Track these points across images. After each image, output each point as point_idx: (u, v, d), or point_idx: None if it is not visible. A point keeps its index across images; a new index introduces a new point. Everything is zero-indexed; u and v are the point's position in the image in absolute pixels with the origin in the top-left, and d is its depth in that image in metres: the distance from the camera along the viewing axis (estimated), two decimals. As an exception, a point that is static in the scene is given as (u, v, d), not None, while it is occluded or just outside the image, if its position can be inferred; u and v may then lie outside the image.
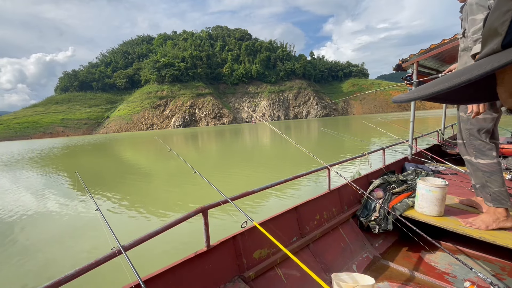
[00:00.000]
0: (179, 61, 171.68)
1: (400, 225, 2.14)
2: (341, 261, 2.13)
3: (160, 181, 8.77)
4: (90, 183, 8.90)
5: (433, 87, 0.29)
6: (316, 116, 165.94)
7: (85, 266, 1.06)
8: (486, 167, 1.89)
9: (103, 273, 3.11)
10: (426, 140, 6.36)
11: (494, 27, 0.27)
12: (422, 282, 1.87)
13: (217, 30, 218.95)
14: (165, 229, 1.36)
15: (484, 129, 1.90)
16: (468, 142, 2.00)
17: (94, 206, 1.73)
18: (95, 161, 16.83)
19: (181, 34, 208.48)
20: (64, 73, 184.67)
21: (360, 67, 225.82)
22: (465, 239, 2.00)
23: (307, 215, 2.25)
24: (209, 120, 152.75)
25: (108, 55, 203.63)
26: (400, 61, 3.77)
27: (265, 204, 5.45)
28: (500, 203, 1.87)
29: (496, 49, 0.27)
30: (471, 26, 1.75)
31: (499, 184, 1.86)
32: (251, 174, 8.68)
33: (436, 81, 0.29)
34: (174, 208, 5.68)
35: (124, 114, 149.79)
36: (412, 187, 2.68)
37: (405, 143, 4.05)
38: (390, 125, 7.35)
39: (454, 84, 0.26)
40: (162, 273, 1.35)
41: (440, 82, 0.28)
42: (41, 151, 28.14)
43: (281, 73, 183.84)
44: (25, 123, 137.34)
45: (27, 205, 6.69)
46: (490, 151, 1.89)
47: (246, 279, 1.65)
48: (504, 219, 1.87)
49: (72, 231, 4.78)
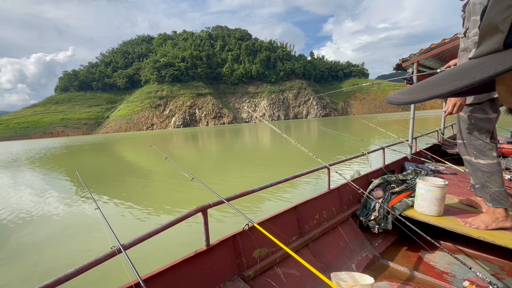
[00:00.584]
0: (179, 61, 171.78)
1: (399, 224, 2.14)
2: (340, 261, 2.14)
3: (160, 181, 8.78)
4: (90, 182, 8.91)
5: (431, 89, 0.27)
6: (316, 116, 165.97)
7: (85, 264, 1.06)
8: (486, 167, 1.88)
9: (103, 272, 3.12)
10: (426, 139, 6.37)
11: (494, 23, 0.26)
12: (421, 281, 1.88)
13: (217, 30, 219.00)
14: (164, 228, 1.36)
15: (484, 129, 1.89)
16: (468, 142, 1.98)
17: (94, 205, 1.74)
18: (95, 161, 16.84)
19: (181, 34, 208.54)
20: (64, 73, 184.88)
21: (360, 67, 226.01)
22: (465, 238, 2.00)
23: (306, 214, 2.26)
24: (209, 120, 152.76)
25: (108, 55, 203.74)
26: (400, 61, 3.78)
27: (265, 203, 5.45)
28: (499, 203, 1.87)
29: (497, 48, 0.26)
30: (472, 27, 1.71)
31: (498, 184, 1.85)
32: (251, 174, 8.68)
33: (435, 81, 0.27)
34: (173, 208, 5.68)
35: (124, 114, 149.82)
36: (412, 187, 2.68)
37: (405, 142, 4.06)
38: (390, 125, 7.35)
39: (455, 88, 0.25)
40: (162, 272, 1.35)
41: (439, 84, 0.27)
42: (39, 151, 28.14)
43: (281, 73, 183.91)
44: (25, 123, 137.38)
45: (26, 204, 6.69)
46: (490, 151, 1.88)
47: (245, 278, 1.66)
48: (504, 219, 1.88)
49: (72, 230, 4.78)
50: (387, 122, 7.61)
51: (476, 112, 1.89)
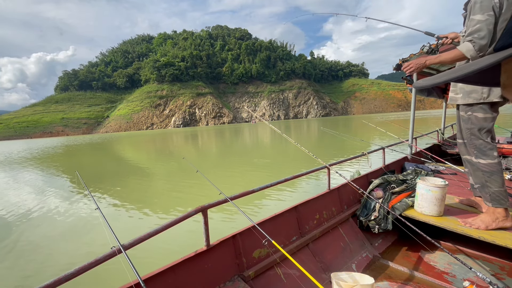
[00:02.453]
0: (179, 61, 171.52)
1: (399, 224, 2.14)
2: (340, 261, 2.13)
3: (160, 181, 8.78)
4: (90, 182, 8.90)
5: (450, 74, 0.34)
6: (316, 115, 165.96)
7: (85, 265, 1.06)
8: (487, 167, 1.88)
9: (103, 272, 3.12)
10: (426, 139, 6.37)
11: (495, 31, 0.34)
12: (421, 281, 1.88)
13: (217, 29, 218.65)
14: (165, 228, 1.36)
15: (485, 128, 1.88)
16: (469, 141, 1.97)
17: (93, 205, 1.73)
18: (94, 161, 16.83)
19: (181, 33, 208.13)
20: (64, 72, 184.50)
21: (360, 67, 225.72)
22: (465, 238, 2.00)
23: (306, 214, 2.26)
24: (209, 120, 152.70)
25: (108, 55, 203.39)
26: (400, 61, 3.76)
27: (265, 204, 5.45)
28: (499, 203, 1.87)
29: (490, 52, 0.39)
30: (468, 26, 1.70)
31: (499, 184, 1.85)
32: (251, 174, 8.68)
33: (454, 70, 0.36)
34: (174, 208, 5.68)
35: (124, 114, 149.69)
36: (412, 187, 2.68)
37: (405, 142, 4.06)
38: (390, 125, 7.35)
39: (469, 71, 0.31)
40: (162, 272, 1.35)
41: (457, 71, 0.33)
42: (37, 151, 28.13)
43: (281, 72, 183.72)
44: (25, 123, 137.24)
45: (26, 203, 6.68)
46: (491, 151, 1.87)
47: (245, 278, 1.65)
48: (504, 219, 1.88)
49: (72, 230, 4.78)
50: (387, 122, 7.61)
51: (476, 112, 1.89)
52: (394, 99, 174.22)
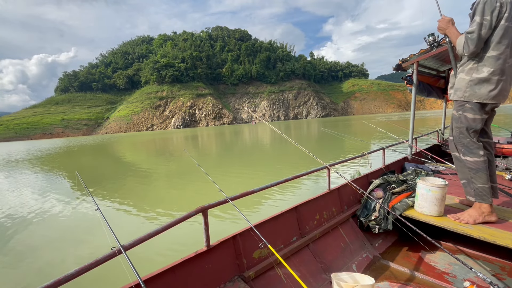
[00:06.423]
0: (179, 62, 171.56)
1: (400, 225, 2.14)
2: (341, 261, 2.13)
3: (160, 182, 8.77)
4: (90, 183, 8.90)
5: None
6: (316, 116, 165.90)
7: (85, 265, 1.06)
8: (473, 164, 1.98)
9: (103, 272, 3.11)
10: (426, 140, 6.37)
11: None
12: (421, 281, 1.87)
13: (217, 30, 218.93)
14: (165, 229, 1.36)
15: (473, 128, 1.98)
16: (457, 139, 2.08)
17: (94, 206, 1.73)
18: (94, 161, 16.83)
19: (181, 34, 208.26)
20: (64, 73, 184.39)
21: (360, 67, 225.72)
22: (465, 239, 2.00)
23: (307, 215, 2.25)
24: (209, 121, 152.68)
25: (108, 56, 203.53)
26: (400, 61, 3.77)
27: (265, 204, 5.44)
28: (482, 198, 1.97)
29: None
30: (469, 25, 1.81)
31: (483, 181, 1.95)
32: (251, 174, 8.67)
33: None
34: (174, 208, 5.68)
35: (124, 115, 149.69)
36: (412, 187, 2.68)
37: (405, 143, 4.06)
38: (390, 125, 7.34)
39: None
40: (162, 272, 1.35)
41: None
42: (37, 151, 28.13)
43: (281, 73, 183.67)
44: (25, 124, 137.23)
45: (27, 204, 6.68)
46: (477, 149, 1.97)
47: (246, 278, 1.65)
48: (489, 214, 1.99)
49: (72, 231, 4.78)
50: (387, 122, 7.61)
51: (467, 112, 1.98)
52: (394, 99, 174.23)
